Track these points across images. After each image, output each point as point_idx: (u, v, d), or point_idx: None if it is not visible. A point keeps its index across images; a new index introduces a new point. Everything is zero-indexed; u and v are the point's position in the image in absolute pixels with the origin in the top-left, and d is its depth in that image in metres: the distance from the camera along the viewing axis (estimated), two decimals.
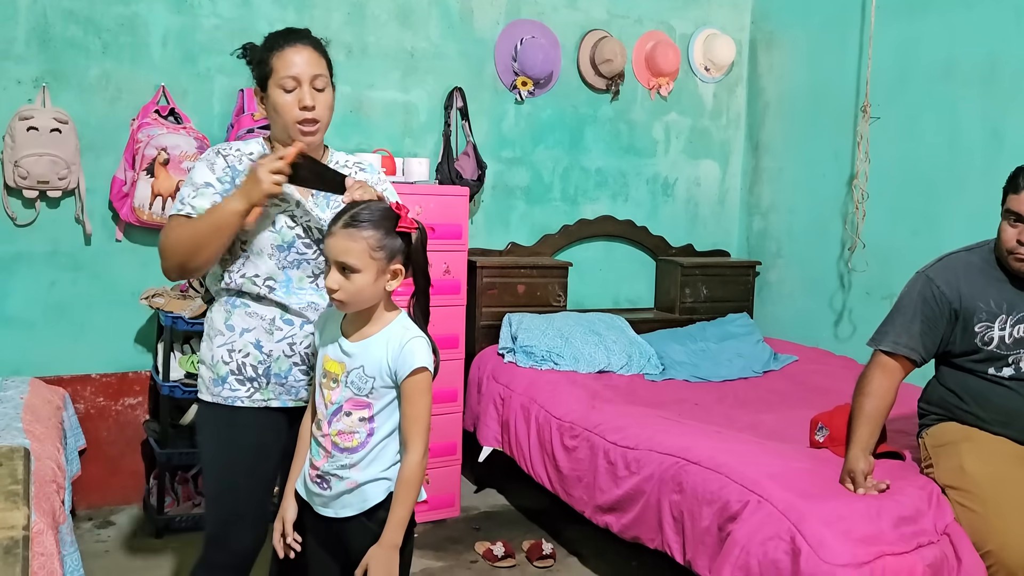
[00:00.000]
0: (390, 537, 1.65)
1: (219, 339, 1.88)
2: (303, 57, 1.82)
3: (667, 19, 4.40)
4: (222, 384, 1.87)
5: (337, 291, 1.62)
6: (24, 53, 3.15)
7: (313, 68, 1.83)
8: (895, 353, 2.34)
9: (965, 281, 2.31)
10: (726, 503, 2.25)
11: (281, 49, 1.82)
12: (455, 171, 3.79)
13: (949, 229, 3.41)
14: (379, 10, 3.75)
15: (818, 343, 4.06)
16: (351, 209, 1.64)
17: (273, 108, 1.83)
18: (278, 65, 1.81)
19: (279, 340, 1.87)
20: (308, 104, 1.81)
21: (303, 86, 1.81)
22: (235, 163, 1.87)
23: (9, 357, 3.20)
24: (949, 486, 2.21)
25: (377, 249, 1.61)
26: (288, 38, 1.85)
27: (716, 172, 4.63)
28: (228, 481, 1.89)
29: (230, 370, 1.87)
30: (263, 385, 1.88)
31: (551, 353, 3.54)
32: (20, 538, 1.11)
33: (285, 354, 1.87)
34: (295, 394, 1.90)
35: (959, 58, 3.43)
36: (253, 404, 1.88)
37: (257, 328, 1.86)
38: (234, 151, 1.89)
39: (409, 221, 1.66)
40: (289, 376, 1.88)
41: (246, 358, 1.86)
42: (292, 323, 1.87)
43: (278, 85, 1.81)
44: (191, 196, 1.81)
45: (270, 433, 1.91)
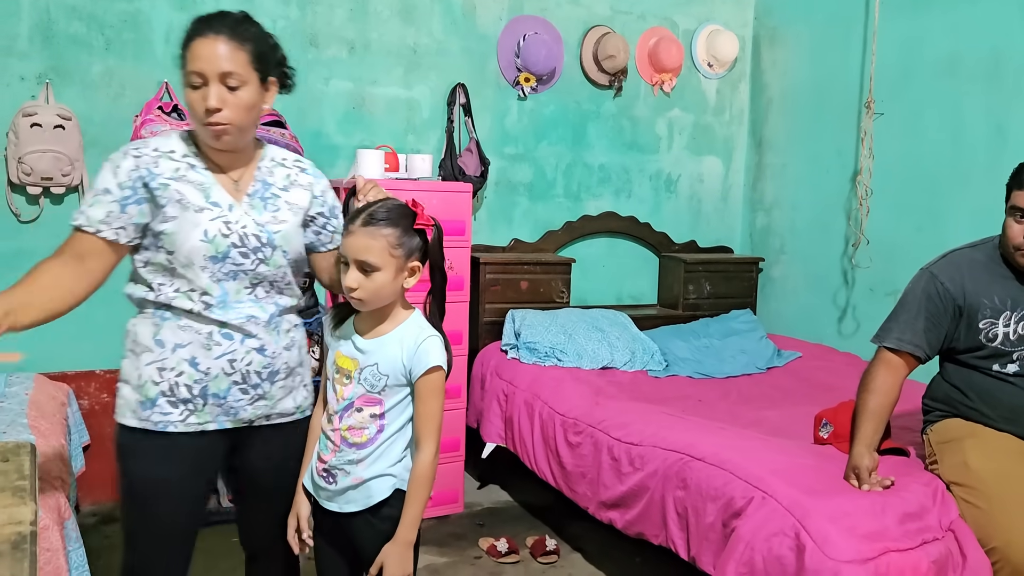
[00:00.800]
0: (404, 534, 1.67)
1: (147, 356, 1.68)
2: (213, 51, 1.59)
3: (670, 15, 4.39)
4: (151, 407, 1.68)
5: (356, 289, 1.60)
6: (27, 50, 3.15)
7: (223, 63, 1.59)
8: (899, 350, 2.34)
9: (969, 277, 2.31)
10: (730, 499, 2.25)
11: (191, 40, 1.62)
12: (458, 167, 3.79)
13: (953, 225, 3.41)
14: (382, 6, 3.74)
15: (822, 339, 4.06)
16: (368, 208, 1.63)
17: (186, 104, 1.65)
18: (188, 57, 1.61)
19: (218, 357, 1.69)
20: (211, 106, 1.59)
21: (210, 84, 1.59)
22: (148, 164, 1.65)
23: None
24: (954, 482, 2.21)
25: (396, 247, 1.61)
26: (201, 27, 1.62)
27: (719, 168, 4.63)
28: (156, 517, 1.72)
29: (161, 391, 1.68)
30: (199, 407, 1.69)
31: (554, 349, 3.54)
32: (28, 533, 1.11)
33: (224, 372, 1.70)
34: (234, 415, 1.73)
35: (963, 54, 3.42)
36: (187, 428, 1.69)
37: (192, 343, 1.68)
38: (150, 151, 1.67)
39: (426, 218, 1.66)
40: (228, 396, 1.71)
41: (179, 377, 1.68)
42: (232, 338, 1.70)
43: (186, 80, 1.61)
44: (88, 204, 1.63)
45: (206, 460, 1.75)
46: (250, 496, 1.88)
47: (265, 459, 1.82)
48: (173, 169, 1.68)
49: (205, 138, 1.66)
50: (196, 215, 1.65)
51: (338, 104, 3.70)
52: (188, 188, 1.67)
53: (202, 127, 1.63)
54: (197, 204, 1.67)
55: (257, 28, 1.70)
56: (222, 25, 1.62)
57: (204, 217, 1.66)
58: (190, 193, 1.67)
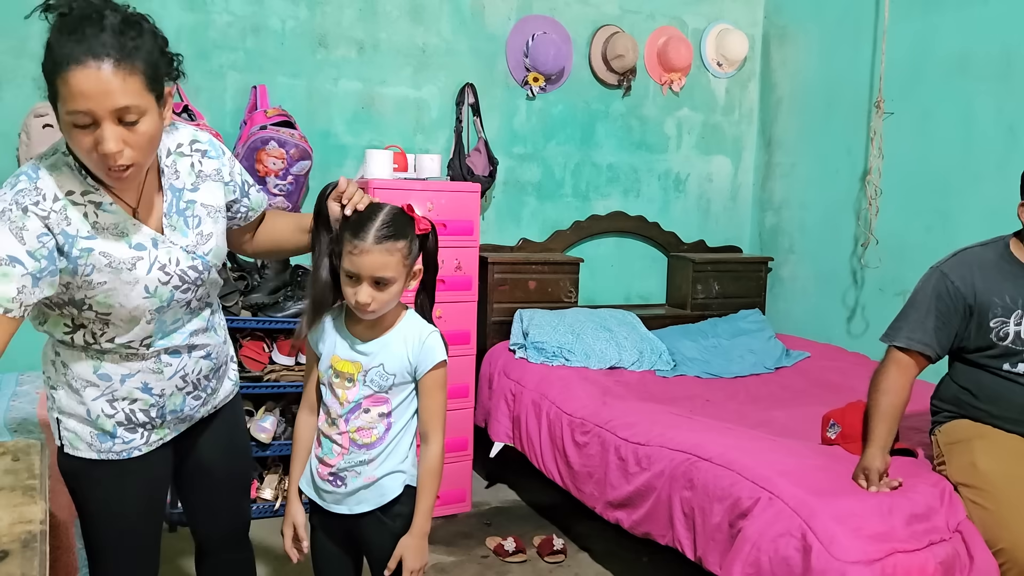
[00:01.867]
0: (420, 526, 1.70)
1: (91, 391, 1.55)
2: (99, 84, 1.25)
3: (679, 14, 4.38)
4: (111, 439, 1.59)
5: (371, 303, 1.59)
6: (38, 51, 3.16)
7: (116, 98, 1.27)
8: (909, 349, 2.33)
9: (980, 276, 2.30)
10: (737, 499, 2.25)
11: (65, 68, 1.26)
12: (466, 167, 3.80)
13: (964, 225, 3.39)
14: (391, 6, 3.75)
15: (831, 339, 4.05)
16: (369, 222, 1.59)
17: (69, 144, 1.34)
18: (63, 92, 1.27)
19: (170, 377, 1.62)
20: (110, 149, 1.28)
21: (103, 124, 1.28)
22: (59, 223, 1.37)
23: (26, 352, 3.21)
24: (961, 483, 2.20)
25: (407, 256, 1.62)
26: (75, 50, 1.25)
27: (728, 168, 4.62)
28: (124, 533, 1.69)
29: (116, 422, 1.58)
30: (157, 425, 1.64)
31: (562, 349, 3.54)
32: (38, 532, 1.12)
33: (178, 388, 1.64)
34: (190, 421, 1.73)
35: (974, 52, 3.41)
36: (150, 447, 1.65)
37: (141, 371, 1.57)
38: (50, 203, 1.36)
39: (424, 222, 1.67)
40: (184, 407, 1.68)
41: (134, 404, 1.59)
42: (179, 354, 1.62)
43: (68, 119, 1.28)
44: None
45: (162, 466, 1.72)
46: (204, 487, 1.85)
47: (213, 445, 1.82)
48: (85, 220, 1.41)
49: (107, 180, 1.38)
50: (130, 273, 1.46)
51: (347, 104, 3.71)
52: (110, 243, 1.44)
53: (99, 171, 1.36)
54: (127, 259, 1.46)
55: (143, 34, 1.34)
56: (103, 45, 1.27)
57: (140, 271, 1.47)
58: (114, 249, 1.44)
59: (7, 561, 1.05)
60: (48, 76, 1.30)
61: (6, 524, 1.14)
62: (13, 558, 1.05)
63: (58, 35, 1.29)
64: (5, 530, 1.13)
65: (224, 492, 1.88)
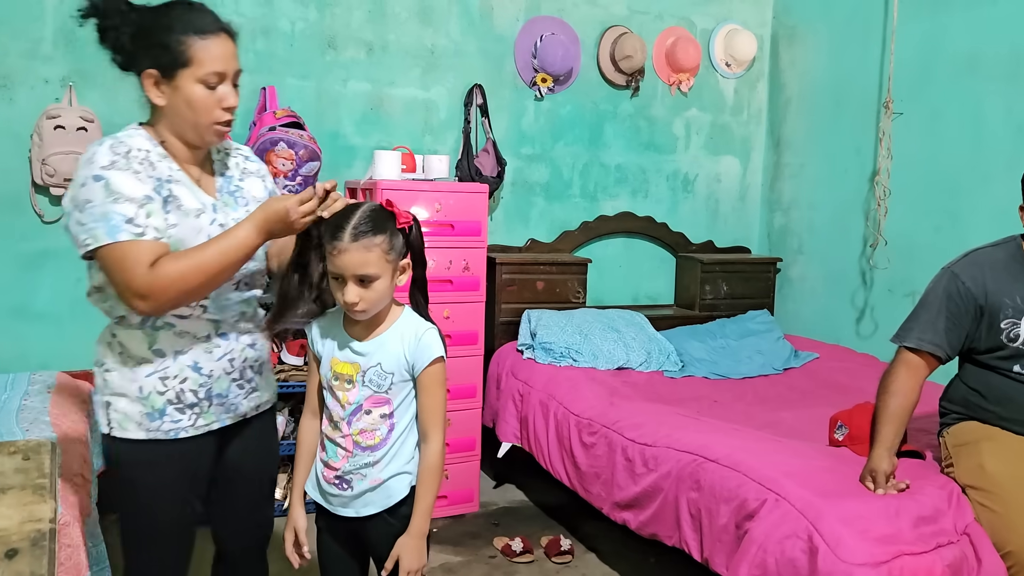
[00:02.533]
0: (418, 526, 1.69)
1: (144, 368, 1.65)
2: (229, 51, 1.61)
3: (688, 15, 4.38)
4: (160, 417, 1.66)
5: (359, 303, 1.60)
6: (51, 53, 3.20)
7: (236, 63, 1.64)
8: (919, 350, 2.32)
9: (991, 277, 2.28)
10: (744, 501, 2.25)
11: (205, 38, 1.58)
12: (475, 168, 3.81)
13: (973, 225, 3.38)
14: (399, 8, 3.76)
15: (839, 340, 4.04)
16: (347, 220, 1.59)
17: (187, 103, 1.59)
18: (202, 56, 1.57)
19: (219, 358, 1.71)
20: (233, 104, 1.63)
21: (227, 83, 1.62)
22: (149, 169, 1.59)
23: (38, 351, 3.26)
24: (970, 486, 2.20)
25: (389, 251, 1.62)
26: (212, 24, 1.60)
27: (737, 168, 4.61)
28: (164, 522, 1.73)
29: (167, 400, 1.66)
30: (205, 409, 1.71)
31: (570, 350, 3.55)
32: (47, 531, 1.14)
33: (226, 371, 1.73)
34: (233, 411, 1.78)
35: (983, 52, 3.39)
36: (196, 431, 1.71)
37: (194, 349, 1.68)
38: (136, 151, 1.59)
39: (406, 216, 1.66)
40: (229, 394, 1.75)
41: (184, 383, 1.67)
42: (228, 337, 1.73)
43: (198, 79, 1.58)
44: (142, 216, 1.54)
45: (205, 458, 1.77)
46: (230, 492, 1.87)
47: (245, 451, 1.84)
48: (166, 169, 1.64)
49: (207, 137, 1.65)
50: (196, 220, 1.64)
51: (356, 105, 3.73)
52: (181, 190, 1.64)
53: (204, 128, 1.62)
54: (194, 207, 1.65)
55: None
56: (228, 28, 1.64)
57: (203, 221, 1.65)
58: (185, 197, 1.64)
59: (17, 559, 1.06)
60: (173, 40, 1.56)
61: (16, 522, 1.16)
62: (23, 556, 1.07)
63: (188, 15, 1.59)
64: (15, 528, 1.14)
65: (251, 498, 1.91)
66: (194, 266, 1.55)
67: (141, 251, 1.53)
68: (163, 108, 1.63)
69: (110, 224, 1.52)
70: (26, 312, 3.25)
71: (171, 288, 1.54)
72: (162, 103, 1.62)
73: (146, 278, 1.52)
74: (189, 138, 1.66)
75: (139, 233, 1.54)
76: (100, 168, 1.55)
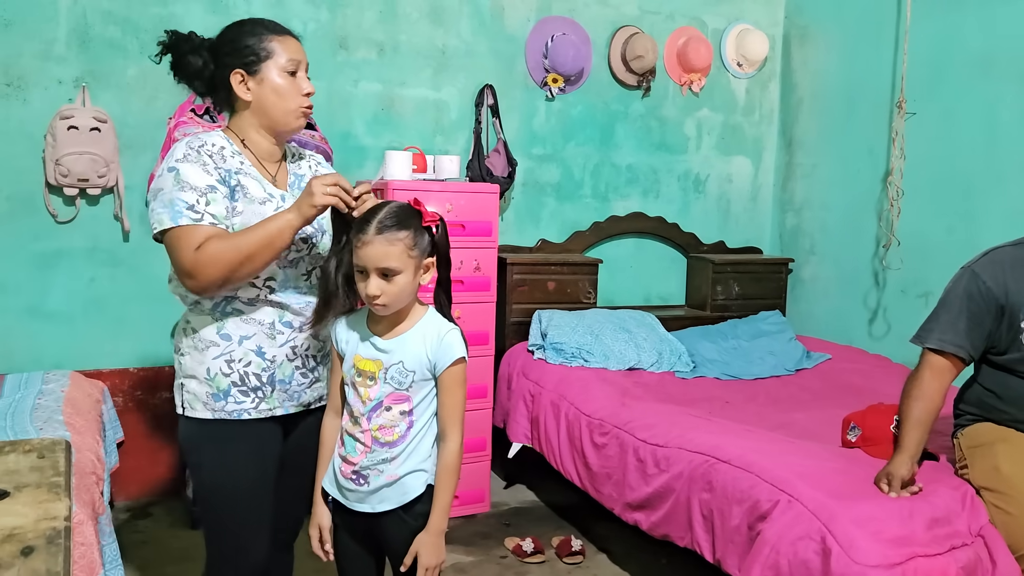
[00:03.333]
0: (436, 523, 1.71)
1: (213, 351, 1.77)
2: (300, 46, 1.84)
3: (699, 14, 4.37)
4: (224, 398, 1.77)
5: (380, 296, 1.63)
6: (65, 54, 3.22)
7: (306, 58, 1.85)
8: (942, 351, 2.28)
9: (1012, 276, 2.25)
10: (756, 502, 2.24)
11: (282, 35, 1.81)
12: (486, 168, 3.81)
13: (987, 226, 3.36)
14: (411, 8, 3.77)
15: (852, 341, 4.02)
16: (374, 215, 1.65)
17: (274, 91, 1.78)
18: (282, 48, 1.79)
19: (282, 344, 1.81)
20: (311, 89, 1.83)
21: (302, 71, 1.82)
22: (219, 161, 1.75)
23: (51, 351, 3.28)
24: (984, 488, 2.18)
25: (412, 248, 1.65)
26: (283, 28, 1.85)
27: (748, 168, 4.60)
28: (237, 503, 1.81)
29: (232, 382, 1.78)
30: (268, 394, 1.81)
31: (581, 350, 3.54)
32: (62, 528, 1.14)
33: (288, 358, 1.82)
34: (296, 399, 1.86)
35: (997, 52, 3.37)
36: (259, 415, 1.80)
37: (258, 334, 1.79)
38: (210, 146, 1.76)
39: (432, 215, 1.70)
40: (292, 381, 1.84)
41: (248, 367, 1.78)
42: (291, 325, 1.82)
43: (281, 68, 1.78)
44: (202, 203, 1.69)
45: (272, 444, 1.85)
46: (281, 480, 1.90)
47: (302, 442, 1.90)
48: (236, 163, 1.78)
49: (292, 121, 1.81)
50: (260, 207, 1.76)
51: (367, 106, 3.74)
52: (249, 181, 1.78)
53: (291, 112, 1.80)
54: (260, 196, 1.78)
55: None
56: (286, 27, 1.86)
57: (268, 208, 1.77)
58: (251, 186, 1.78)
59: (32, 556, 1.06)
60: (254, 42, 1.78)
61: (31, 520, 1.16)
62: (38, 554, 1.07)
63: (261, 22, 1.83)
64: (31, 526, 1.14)
65: (297, 490, 1.96)
66: (233, 246, 1.66)
67: (195, 234, 1.67)
68: (251, 104, 1.80)
69: (174, 210, 1.67)
70: (39, 312, 3.27)
71: (211, 265, 1.66)
72: (249, 98, 1.79)
73: (191, 256, 1.66)
74: (278, 125, 1.81)
75: (197, 219, 1.68)
76: (175, 160, 1.72)
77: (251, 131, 1.82)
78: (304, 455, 1.89)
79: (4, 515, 1.18)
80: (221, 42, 1.81)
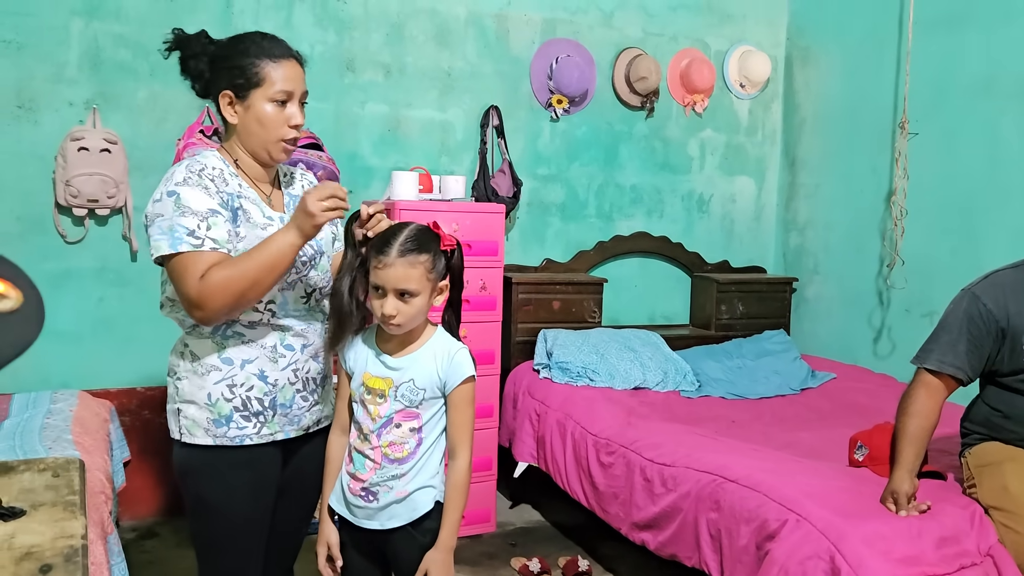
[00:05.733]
0: (446, 540, 1.72)
1: (214, 375, 1.73)
2: (297, 74, 1.75)
3: (702, 36, 4.41)
4: (226, 424, 1.74)
5: (396, 316, 1.65)
6: (76, 76, 3.26)
7: (303, 85, 1.77)
8: (940, 372, 2.30)
9: (1013, 299, 2.26)
10: (764, 521, 2.24)
11: (277, 60, 1.72)
12: (491, 188, 3.83)
13: (990, 246, 3.37)
14: (417, 31, 3.81)
15: (857, 360, 4.02)
16: (394, 237, 1.66)
17: (257, 121, 1.72)
18: (274, 76, 1.71)
19: (284, 368, 1.78)
20: (300, 122, 1.75)
21: (294, 102, 1.74)
22: (221, 185, 1.71)
23: (59, 370, 3.29)
24: (992, 507, 2.18)
25: (431, 271, 1.68)
26: (283, 51, 1.74)
27: (752, 188, 4.62)
28: (236, 529, 1.78)
29: (233, 407, 1.74)
30: (269, 418, 1.77)
31: (586, 369, 3.55)
32: (79, 546, 1.15)
33: (290, 381, 1.79)
34: (297, 423, 1.83)
35: (999, 73, 3.40)
36: (261, 440, 1.77)
37: (260, 358, 1.76)
38: (210, 170, 1.72)
39: (450, 239, 1.73)
40: (293, 405, 1.81)
41: (250, 392, 1.75)
42: (293, 348, 1.80)
43: (269, 98, 1.71)
44: (203, 228, 1.64)
45: (272, 469, 1.82)
46: (282, 504, 1.88)
47: (303, 465, 1.88)
48: (236, 186, 1.75)
49: (274, 154, 1.75)
50: (261, 231, 1.74)
51: (374, 127, 3.77)
52: (249, 205, 1.75)
53: (272, 144, 1.74)
54: (260, 221, 1.75)
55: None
56: (296, 54, 1.77)
57: (268, 233, 1.73)
58: (252, 210, 1.75)
59: (51, 574, 1.07)
60: (248, 63, 1.70)
61: (49, 538, 1.17)
62: (57, 572, 1.08)
63: (261, 42, 1.73)
64: (48, 544, 1.15)
65: (299, 513, 1.95)
66: (238, 272, 1.62)
67: (198, 262, 1.63)
68: (236, 127, 1.75)
69: (173, 236, 1.63)
70: (48, 331, 3.24)
71: (218, 294, 1.61)
72: (234, 121, 1.74)
73: (197, 287, 1.62)
74: (259, 154, 1.77)
75: (197, 244, 1.63)
76: (175, 184, 1.67)
77: (241, 153, 1.78)
78: (303, 480, 1.87)
79: (22, 533, 1.19)
80: (220, 55, 1.75)
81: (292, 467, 1.88)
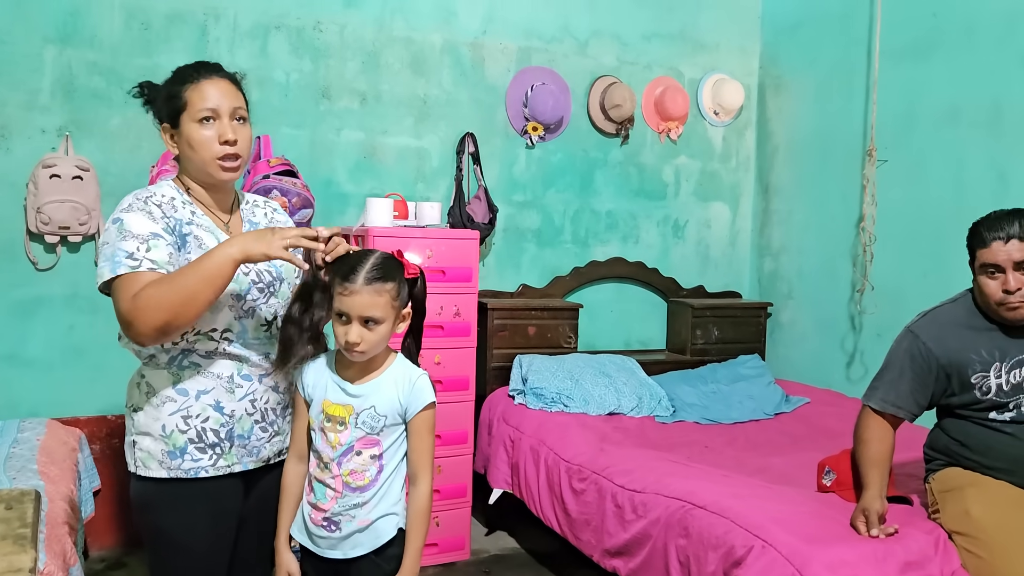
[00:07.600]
0: (410, 567, 1.72)
1: (168, 406, 1.70)
2: (220, 89, 1.73)
3: (676, 65, 4.47)
4: (180, 456, 1.70)
5: (360, 343, 1.66)
6: (49, 104, 3.26)
7: (232, 100, 1.73)
8: (883, 412, 2.37)
9: (953, 336, 2.32)
10: (731, 548, 2.24)
11: (196, 81, 1.72)
12: (467, 215, 3.85)
13: (959, 272, 3.37)
14: (393, 59, 3.84)
15: (830, 385, 4.05)
16: (359, 264, 1.66)
17: (188, 144, 1.71)
18: (194, 98, 1.70)
19: (241, 398, 1.75)
20: (231, 137, 1.71)
21: (223, 119, 1.71)
22: (172, 212, 1.71)
23: (28, 398, 3.26)
24: (955, 531, 2.19)
25: (396, 299, 1.69)
26: (201, 70, 1.74)
27: (726, 214, 4.67)
28: (193, 564, 1.74)
29: (188, 439, 1.70)
30: (226, 449, 1.74)
31: (561, 395, 3.55)
32: None
33: (247, 412, 1.76)
34: (256, 454, 1.79)
35: (964, 102, 3.46)
36: (217, 472, 1.73)
37: (216, 388, 1.72)
38: (159, 197, 1.72)
39: (413, 268, 1.74)
40: (251, 436, 1.78)
41: (205, 423, 1.72)
42: (251, 378, 1.77)
43: (194, 119, 1.70)
44: (142, 250, 1.62)
45: (232, 501, 1.79)
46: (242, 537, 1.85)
47: (264, 497, 1.84)
48: (188, 213, 1.74)
49: (213, 173, 1.73)
50: None
51: (349, 154, 3.79)
52: (204, 233, 1.73)
53: (213, 162, 1.72)
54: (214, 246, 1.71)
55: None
56: (219, 70, 1.77)
57: None
58: (204, 236, 1.73)
59: None
60: (173, 91, 1.72)
61: None
62: None
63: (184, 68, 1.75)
64: None
65: (259, 546, 1.90)
66: (172, 287, 1.57)
67: (134, 282, 1.60)
68: (179, 157, 1.76)
69: (114, 261, 1.62)
70: (17, 359, 3.26)
71: (150, 311, 1.56)
72: (176, 151, 1.76)
73: (128, 304, 1.58)
74: (201, 178, 1.76)
75: (135, 266, 1.61)
76: (120, 212, 1.68)
77: (190, 181, 1.77)
78: (265, 512, 1.84)
79: None
80: (158, 92, 1.77)
81: (253, 498, 1.84)
